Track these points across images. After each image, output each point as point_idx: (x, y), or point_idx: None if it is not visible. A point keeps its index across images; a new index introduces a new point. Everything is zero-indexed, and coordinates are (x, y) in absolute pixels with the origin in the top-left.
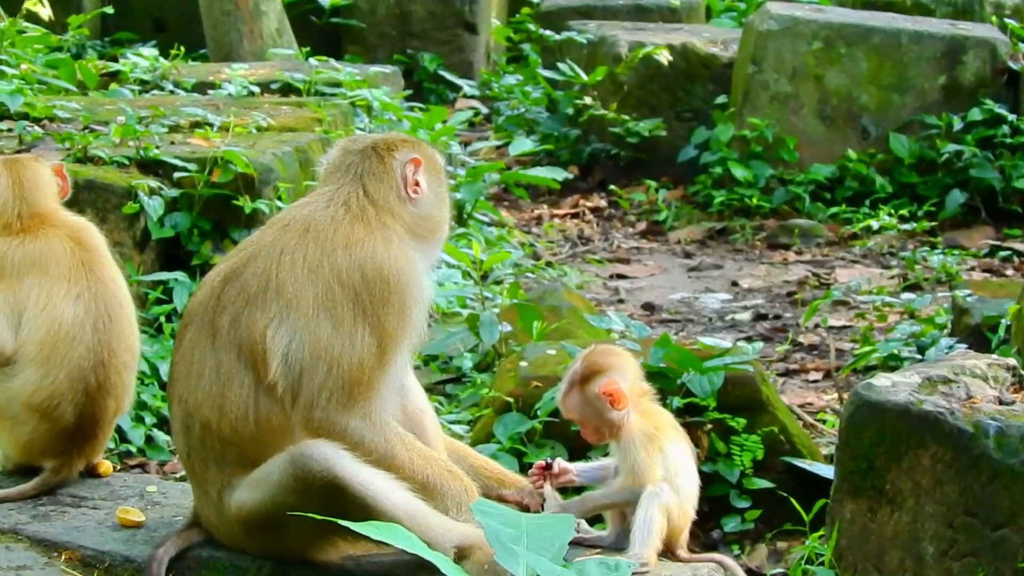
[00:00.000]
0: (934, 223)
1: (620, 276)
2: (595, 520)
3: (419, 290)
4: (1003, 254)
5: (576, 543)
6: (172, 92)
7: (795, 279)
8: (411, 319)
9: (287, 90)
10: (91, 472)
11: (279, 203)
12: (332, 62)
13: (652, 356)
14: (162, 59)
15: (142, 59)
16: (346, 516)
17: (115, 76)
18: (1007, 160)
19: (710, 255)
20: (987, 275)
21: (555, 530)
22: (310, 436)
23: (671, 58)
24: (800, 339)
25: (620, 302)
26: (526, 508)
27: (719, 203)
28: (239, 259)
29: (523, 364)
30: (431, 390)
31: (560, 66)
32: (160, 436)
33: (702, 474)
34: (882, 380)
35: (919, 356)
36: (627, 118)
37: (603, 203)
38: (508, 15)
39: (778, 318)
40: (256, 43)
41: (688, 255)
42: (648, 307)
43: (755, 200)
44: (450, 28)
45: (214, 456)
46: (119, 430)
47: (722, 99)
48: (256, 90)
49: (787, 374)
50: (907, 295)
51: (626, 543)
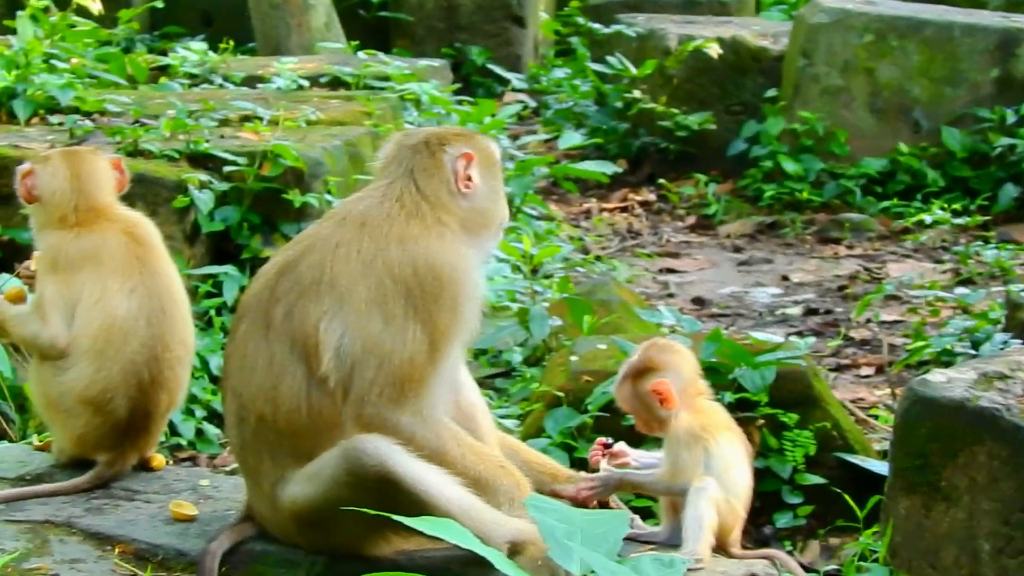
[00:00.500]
0: (987, 217)
1: (669, 270)
2: (649, 516)
3: (471, 286)
4: None
5: (630, 539)
6: (221, 86)
7: (846, 273)
8: (463, 316)
9: (336, 84)
10: (144, 466)
11: (328, 197)
12: (380, 56)
13: (703, 351)
14: (211, 53)
15: (191, 53)
16: (399, 511)
17: (165, 70)
18: None
19: (760, 249)
20: None
21: (609, 526)
22: (361, 432)
23: (721, 51)
24: (852, 334)
25: (670, 296)
26: (582, 503)
27: (769, 197)
28: (294, 252)
29: (573, 358)
30: (481, 384)
31: (609, 59)
32: (210, 430)
33: (754, 470)
34: (937, 376)
35: (972, 352)
36: (676, 112)
37: (652, 197)
38: (556, 8)
39: (829, 313)
40: (304, 37)
41: (738, 249)
42: (698, 301)
43: (805, 194)
44: (498, 21)
45: (268, 449)
46: (170, 423)
47: (772, 92)
48: (305, 84)
49: (839, 369)
50: (960, 290)
51: (680, 540)
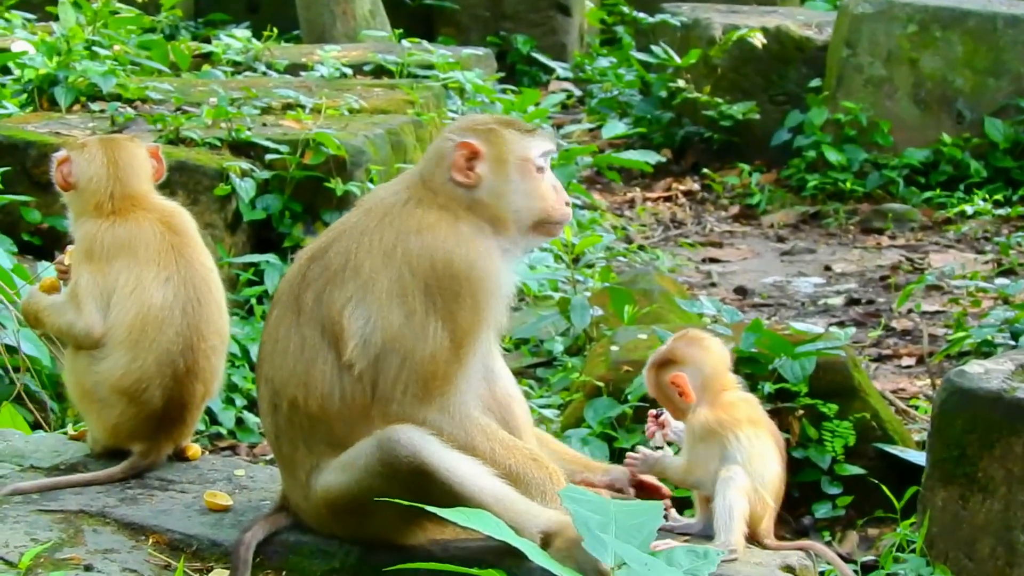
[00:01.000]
0: None
1: (712, 260)
2: (683, 507)
3: (494, 284)
4: None
5: (665, 531)
6: (264, 74)
7: (888, 264)
8: (485, 314)
9: (379, 72)
10: (179, 456)
11: (371, 185)
12: (425, 44)
13: (744, 341)
14: (255, 40)
15: (235, 40)
16: (432, 500)
17: (207, 57)
18: None
19: (803, 239)
20: None
21: (644, 518)
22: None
23: (765, 41)
24: (893, 324)
25: (712, 286)
26: (619, 491)
27: (812, 187)
28: (326, 239)
29: (614, 348)
30: (522, 374)
31: (654, 49)
32: (250, 418)
33: (793, 460)
34: (974, 367)
35: (1013, 342)
36: (720, 101)
37: (696, 186)
38: None
39: (871, 303)
40: (349, 25)
41: (781, 239)
42: (740, 291)
43: (849, 184)
44: (543, 10)
45: (302, 436)
46: (209, 412)
47: (816, 82)
48: (348, 72)
49: (880, 359)
50: (1001, 280)
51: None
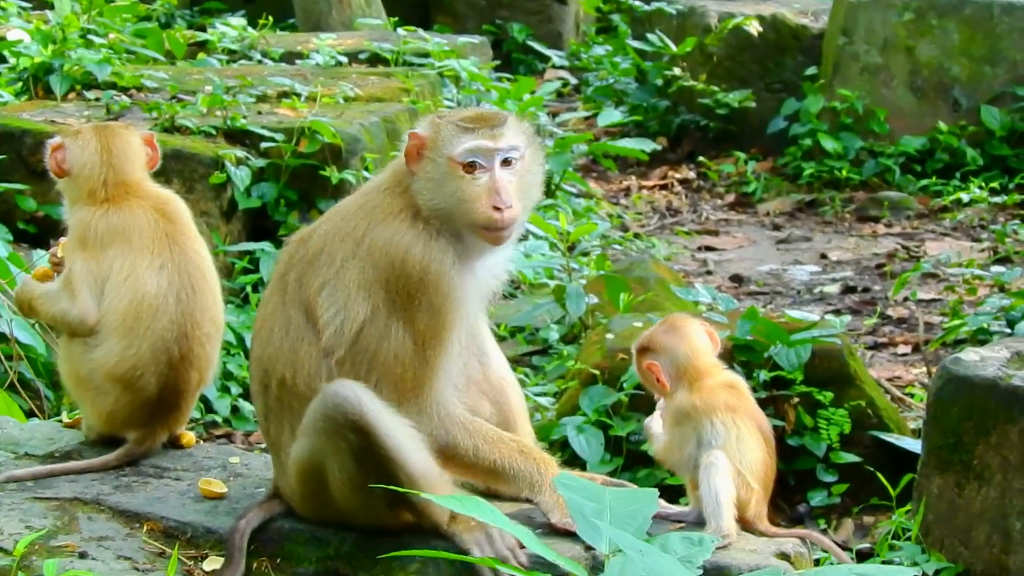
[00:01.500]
0: None
1: (708, 248)
2: (676, 497)
3: (447, 287)
4: None
5: (659, 518)
6: (260, 62)
7: (884, 252)
8: (444, 319)
9: (375, 60)
10: (174, 443)
11: (366, 173)
12: (420, 32)
13: (739, 329)
14: (250, 29)
15: (230, 29)
16: (373, 459)
17: (203, 46)
18: None
19: (799, 227)
20: None
21: (638, 505)
22: None
23: (761, 29)
24: (889, 312)
25: (708, 274)
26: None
27: (808, 175)
28: (318, 221)
29: (609, 336)
30: (517, 361)
31: (649, 37)
32: (245, 407)
33: (788, 448)
34: (970, 355)
35: (1008, 330)
36: (716, 89)
37: (692, 174)
38: None
39: (867, 291)
40: (345, 13)
41: (777, 227)
42: (736, 279)
43: (845, 172)
44: None
45: (290, 417)
46: (205, 400)
47: (812, 70)
48: (344, 60)
49: (876, 347)
50: (997, 268)
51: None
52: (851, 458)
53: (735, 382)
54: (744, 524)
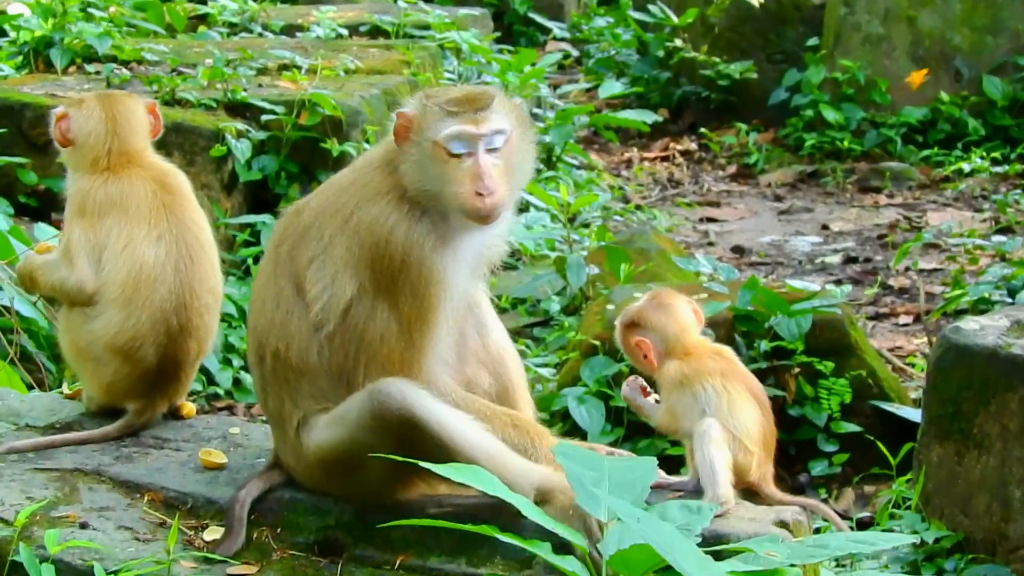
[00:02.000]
0: None
1: (710, 219)
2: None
3: (429, 271)
4: None
5: (658, 487)
6: (260, 35)
7: (886, 222)
8: (427, 302)
9: (376, 32)
10: (174, 414)
11: (367, 146)
12: (421, 4)
13: (740, 299)
14: (251, 1)
15: (231, 2)
16: (423, 456)
17: (203, 19)
18: None
19: (801, 198)
20: None
21: (637, 473)
22: None
23: (762, 0)
24: (891, 282)
25: (710, 245)
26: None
27: (810, 146)
28: (313, 194)
29: (610, 307)
30: (519, 333)
31: (651, 8)
32: (247, 379)
33: (789, 418)
34: (970, 324)
35: (1010, 299)
36: (718, 60)
37: (693, 146)
38: None
39: (868, 261)
40: None
41: (779, 198)
42: (738, 250)
43: (846, 143)
44: None
45: (287, 389)
46: (207, 372)
47: (813, 41)
48: (344, 32)
49: (877, 317)
50: (998, 238)
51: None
52: (852, 428)
53: (721, 350)
54: (750, 488)
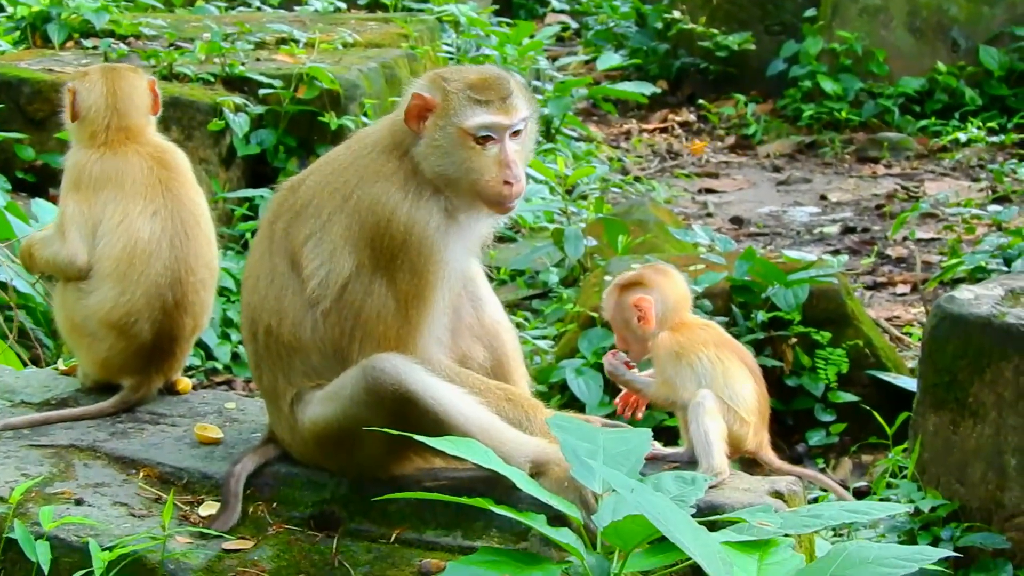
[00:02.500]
0: (1023, 135)
1: (708, 191)
2: (672, 439)
3: (430, 250)
4: None
5: (653, 459)
6: (258, 8)
7: (884, 192)
8: (426, 280)
9: (373, 6)
10: (170, 389)
11: (365, 119)
12: None
13: (737, 269)
14: None
15: None
16: (418, 430)
17: None
18: None
19: (799, 169)
20: None
21: (631, 444)
22: None
23: None
24: (888, 252)
25: (708, 216)
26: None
27: (808, 117)
28: (308, 171)
29: (608, 279)
30: (517, 305)
31: None
32: (246, 353)
33: (786, 388)
34: (965, 293)
35: (1006, 268)
36: (716, 32)
37: (692, 117)
38: None
39: (866, 231)
40: None
41: (777, 169)
42: (736, 221)
43: (844, 113)
44: None
45: (280, 365)
46: (205, 347)
47: (811, 12)
48: (342, 6)
49: (874, 287)
50: (995, 207)
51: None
52: (849, 397)
53: (709, 323)
54: (749, 456)
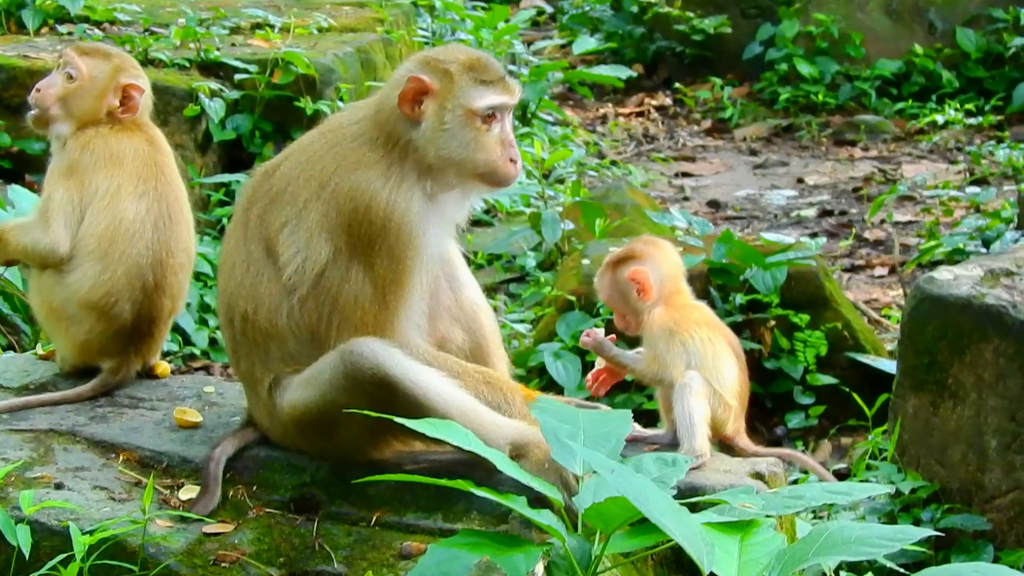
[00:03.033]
0: (1000, 117)
1: (685, 174)
2: (652, 421)
3: (409, 236)
4: None
5: (633, 440)
6: None
7: (861, 175)
8: (404, 266)
9: None
10: (148, 373)
11: (341, 104)
12: None
13: (715, 252)
14: None
15: None
16: (398, 413)
17: None
18: None
19: (776, 152)
20: None
21: (612, 426)
22: None
23: None
24: (866, 235)
25: (685, 200)
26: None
27: (785, 100)
28: (282, 156)
29: (585, 262)
30: (495, 289)
31: None
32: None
33: (765, 371)
34: (944, 274)
35: (984, 250)
36: (692, 15)
37: (668, 101)
38: None
39: (844, 214)
40: None
41: (754, 152)
42: (713, 204)
43: (821, 96)
44: None
45: (257, 351)
46: (183, 332)
47: None
48: None
49: (853, 270)
50: (973, 189)
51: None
52: (828, 380)
53: (700, 304)
54: (725, 441)
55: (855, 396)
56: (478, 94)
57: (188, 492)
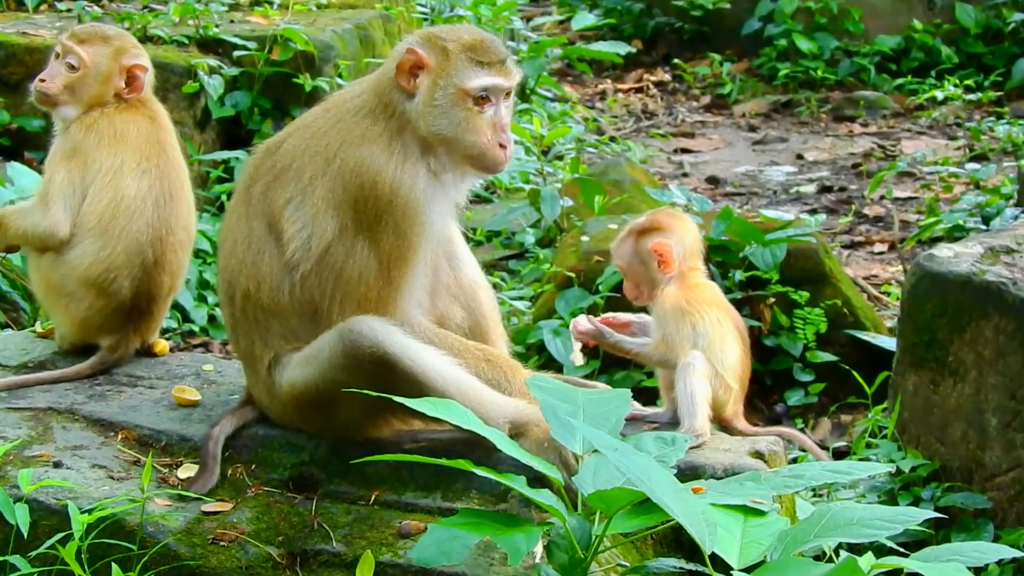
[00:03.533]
0: (1000, 93)
1: (684, 150)
2: (651, 400)
3: (415, 211)
4: None
5: (633, 419)
6: None
7: (860, 151)
8: (409, 241)
9: None
10: (147, 352)
11: (340, 81)
12: None
13: (714, 229)
14: None
15: None
16: (397, 392)
17: None
18: None
19: (775, 128)
20: None
21: (612, 405)
22: None
23: None
24: (865, 211)
25: (684, 176)
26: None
27: (784, 76)
28: (284, 133)
29: (584, 239)
30: (494, 266)
31: None
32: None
33: (765, 348)
34: (944, 251)
35: (984, 226)
36: None
37: (667, 77)
38: None
39: (843, 190)
40: None
41: (753, 128)
42: (712, 181)
43: (820, 72)
44: None
45: (258, 328)
46: (182, 310)
47: None
48: None
49: (852, 246)
50: (972, 165)
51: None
52: (827, 357)
53: (711, 283)
54: (723, 423)
55: (855, 374)
56: (472, 74)
57: (187, 471)
